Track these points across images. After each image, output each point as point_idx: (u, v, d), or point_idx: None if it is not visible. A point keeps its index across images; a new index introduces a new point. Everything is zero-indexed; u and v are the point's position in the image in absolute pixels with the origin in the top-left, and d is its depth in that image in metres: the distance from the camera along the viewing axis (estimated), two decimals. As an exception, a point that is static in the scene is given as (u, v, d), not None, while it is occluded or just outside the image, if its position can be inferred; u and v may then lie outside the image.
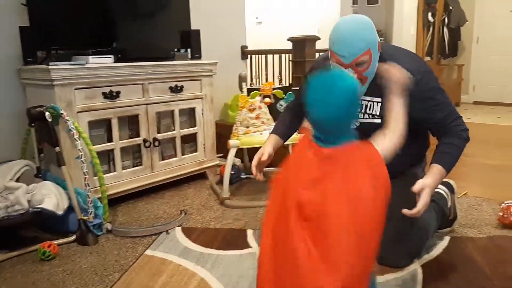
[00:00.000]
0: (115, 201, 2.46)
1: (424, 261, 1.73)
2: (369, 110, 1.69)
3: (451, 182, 2.09)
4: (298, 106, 1.97)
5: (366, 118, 1.71)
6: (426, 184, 1.48)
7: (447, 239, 1.92)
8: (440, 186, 2.03)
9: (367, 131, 1.71)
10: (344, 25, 1.51)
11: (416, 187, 1.47)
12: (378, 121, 1.68)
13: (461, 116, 1.70)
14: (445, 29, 6.46)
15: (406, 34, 5.92)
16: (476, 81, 6.88)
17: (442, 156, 1.61)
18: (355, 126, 1.73)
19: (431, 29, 6.34)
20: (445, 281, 1.58)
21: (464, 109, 6.31)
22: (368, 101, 1.68)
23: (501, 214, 2.07)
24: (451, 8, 6.38)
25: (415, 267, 1.68)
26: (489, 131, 4.63)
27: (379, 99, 1.66)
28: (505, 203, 2.10)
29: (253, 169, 1.76)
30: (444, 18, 6.45)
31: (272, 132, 1.92)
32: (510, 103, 6.45)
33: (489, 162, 3.28)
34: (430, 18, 6.23)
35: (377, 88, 1.59)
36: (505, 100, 6.52)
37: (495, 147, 3.80)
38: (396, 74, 1.35)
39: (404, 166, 1.82)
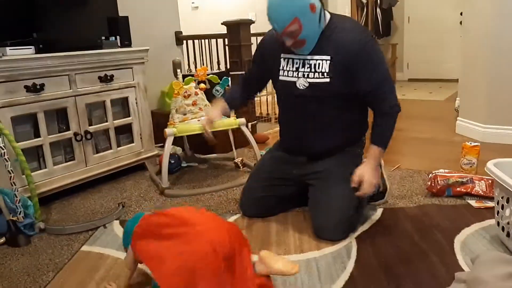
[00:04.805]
0: (49, 199, 2.35)
1: (358, 233, 1.79)
2: (319, 68, 1.76)
3: None
4: (250, 75, 2.14)
5: (316, 78, 1.77)
6: (363, 172, 1.77)
7: (380, 210, 2.00)
8: None
9: (317, 91, 1.77)
10: (271, 2, 1.65)
11: (355, 180, 1.77)
12: (327, 80, 1.76)
13: (395, 88, 1.84)
14: (378, 10, 6.66)
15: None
16: (409, 59, 7.18)
17: (379, 136, 1.81)
18: (305, 87, 1.78)
19: (364, 10, 6.51)
20: (376, 250, 1.65)
21: (400, 86, 6.59)
22: (317, 59, 1.76)
23: (429, 183, 2.18)
24: (382, -11, 6.59)
25: (350, 240, 1.74)
26: (422, 106, 4.87)
27: (328, 57, 1.75)
28: (433, 173, 2.22)
29: (205, 128, 2.05)
30: (376, -1, 6.65)
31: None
32: (441, 79, 6.80)
33: (421, 135, 3.46)
34: (363, -1, 6.40)
35: (325, 46, 1.74)
36: (437, 76, 6.87)
37: (427, 121, 4.00)
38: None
39: (343, 144, 1.89)
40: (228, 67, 3.63)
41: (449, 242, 1.67)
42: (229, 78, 2.69)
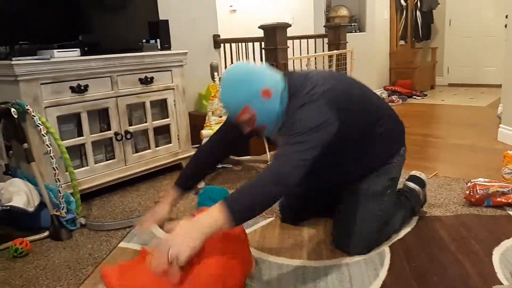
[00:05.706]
0: (90, 195, 2.45)
1: (392, 241, 1.77)
2: None
3: (423, 176, 2.06)
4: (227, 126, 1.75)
5: None
6: (177, 226, 1.26)
7: (415, 219, 1.97)
8: (410, 183, 2.00)
9: None
10: (222, 87, 1.50)
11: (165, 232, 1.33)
12: None
13: (310, 159, 1.39)
14: (418, 13, 6.52)
15: (379, 18, 5.95)
16: (450, 63, 6.98)
17: (236, 192, 1.32)
18: None
19: (404, 13, 6.39)
20: (411, 259, 1.63)
21: (439, 91, 6.42)
22: None
23: (467, 192, 2.12)
24: (423, -9, 6.45)
25: (383, 248, 1.72)
26: (462, 112, 4.73)
27: None
28: (472, 182, 2.16)
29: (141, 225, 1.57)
30: (417, 1, 6.51)
31: (175, 183, 1.71)
32: (483, 84, 6.58)
33: (460, 142, 3.36)
34: (402, 2, 6.27)
35: (291, 126, 1.46)
36: (478, 81, 6.65)
37: (467, 128, 3.89)
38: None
39: (367, 171, 1.76)
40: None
41: (487, 254, 1.63)
42: (265, 82, 2.71)
